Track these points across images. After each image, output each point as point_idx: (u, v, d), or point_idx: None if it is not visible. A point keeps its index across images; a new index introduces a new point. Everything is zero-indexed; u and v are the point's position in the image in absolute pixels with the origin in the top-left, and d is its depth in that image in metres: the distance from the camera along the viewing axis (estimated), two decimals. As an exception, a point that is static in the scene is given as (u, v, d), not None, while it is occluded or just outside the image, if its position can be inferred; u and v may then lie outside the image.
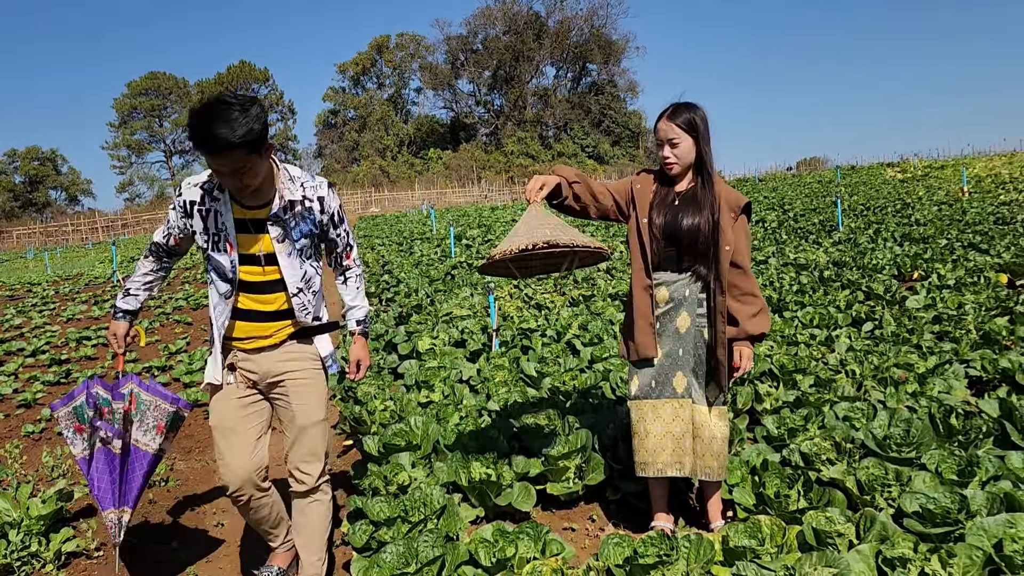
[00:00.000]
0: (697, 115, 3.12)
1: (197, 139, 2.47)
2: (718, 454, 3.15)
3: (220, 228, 2.76)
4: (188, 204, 2.77)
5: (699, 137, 3.12)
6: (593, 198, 3.27)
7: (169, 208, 2.87)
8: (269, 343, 2.92)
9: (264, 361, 2.93)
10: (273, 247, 2.78)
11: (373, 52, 70.53)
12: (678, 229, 3.15)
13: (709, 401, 3.17)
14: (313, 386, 3.04)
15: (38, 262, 28.62)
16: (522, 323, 7.17)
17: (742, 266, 3.10)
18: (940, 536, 2.82)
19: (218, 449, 2.96)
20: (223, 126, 2.42)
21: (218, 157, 2.49)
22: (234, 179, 2.58)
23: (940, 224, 11.80)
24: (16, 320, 11.14)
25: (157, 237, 2.95)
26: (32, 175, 68.44)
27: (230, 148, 2.46)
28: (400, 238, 19.11)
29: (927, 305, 6.62)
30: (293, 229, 2.80)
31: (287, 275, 2.83)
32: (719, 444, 3.15)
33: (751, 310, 3.10)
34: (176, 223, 2.85)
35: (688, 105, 3.15)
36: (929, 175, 24.42)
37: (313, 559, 3.14)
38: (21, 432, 5.71)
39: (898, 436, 3.59)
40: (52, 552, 3.59)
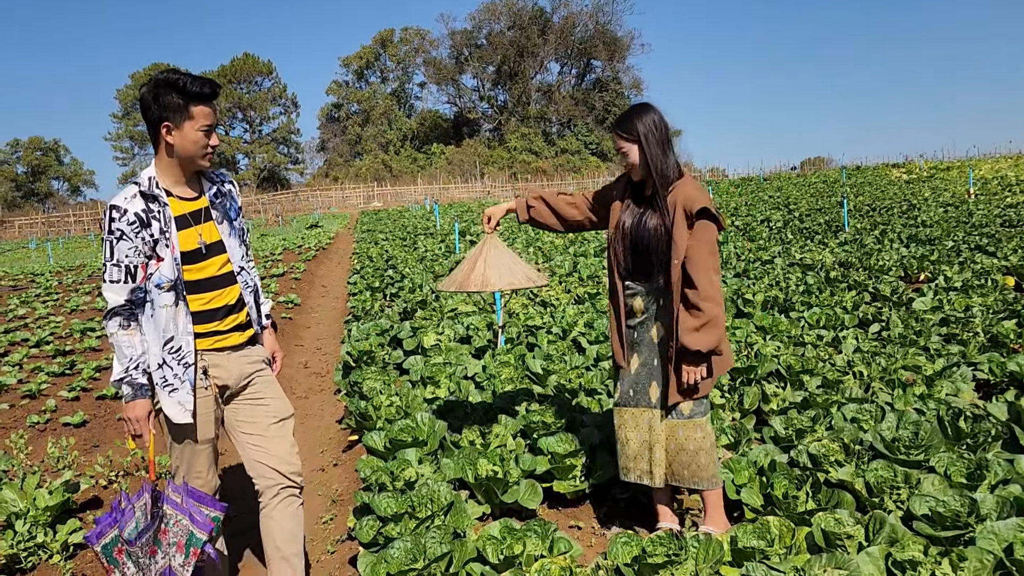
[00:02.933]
0: (641, 119, 3.05)
1: (202, 85, 2.66)
2: (687, 464, 3.12)
3: (164, 229, 2.70)
4: (141, 214, 2.65)
5: (642, 141, 3.05)
6: (558, 218, 3.46)
7: (113, 242, 2.62)
8: (232, 342, 2.89)
9: (234, 364, 2.90)
10: (218, 231, 2.86)
11: (377, 46, 70.48)
12: (638, 237, 3.16)
13: (682, 412, 3.12)
14: (276, 381, 3.11)
15: (40, 252, 28.64)
16: (528, 320, 7.16)
17: (692, 275, 2.97)
18: (950, 539, 2.81)
19: (193, 467, 2.85)
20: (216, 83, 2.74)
21: (211, 106, 2.72)
22: (210, 137, 2.74)
23: (947, 226, 11.77)
24: (20, 310, 11.15)
25: (119, 295, 2.66)
26: (35, 165, 68.49)
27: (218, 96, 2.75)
28: (404, 233, 19.10)
29: (934, 307, 6.60)
30: (229, 210, 2.95)
31: (232, 255, 2.90)
32: (688, 455, 3.11)
33: (694, 323, 2.97)
34: (135, 246, 2.64)
35: (633, 110, 3.13)
36: (935, 176, 24.40)
37: (300, 565, 3.06)
38: (26, 423, 5.71)
39: (907, 438, 3.58)
40: (59, 543, 3.60)
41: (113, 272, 2.64)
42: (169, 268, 2.70)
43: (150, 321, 2.71)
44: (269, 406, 3.00)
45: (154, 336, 2.71)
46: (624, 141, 3.09)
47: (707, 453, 3.12)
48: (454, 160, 61.04)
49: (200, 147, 2.71)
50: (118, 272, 2.64)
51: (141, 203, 2.66)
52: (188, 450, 2.84)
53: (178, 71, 2.69)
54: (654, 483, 3.21)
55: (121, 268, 2.64)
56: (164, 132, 2.65)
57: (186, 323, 2.75)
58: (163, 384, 2.73)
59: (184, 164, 2.75)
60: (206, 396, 2.83)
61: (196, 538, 2.69)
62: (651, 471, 3.20)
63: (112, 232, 2.62)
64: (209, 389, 2.84)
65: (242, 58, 67.68)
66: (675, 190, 3.04)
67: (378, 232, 20.08)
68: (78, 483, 4.18)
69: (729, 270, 9.57)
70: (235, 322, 2.91)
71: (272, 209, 43.98)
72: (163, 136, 2.66)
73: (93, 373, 6.98)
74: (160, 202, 2.69)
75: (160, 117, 2.63)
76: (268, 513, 3.00)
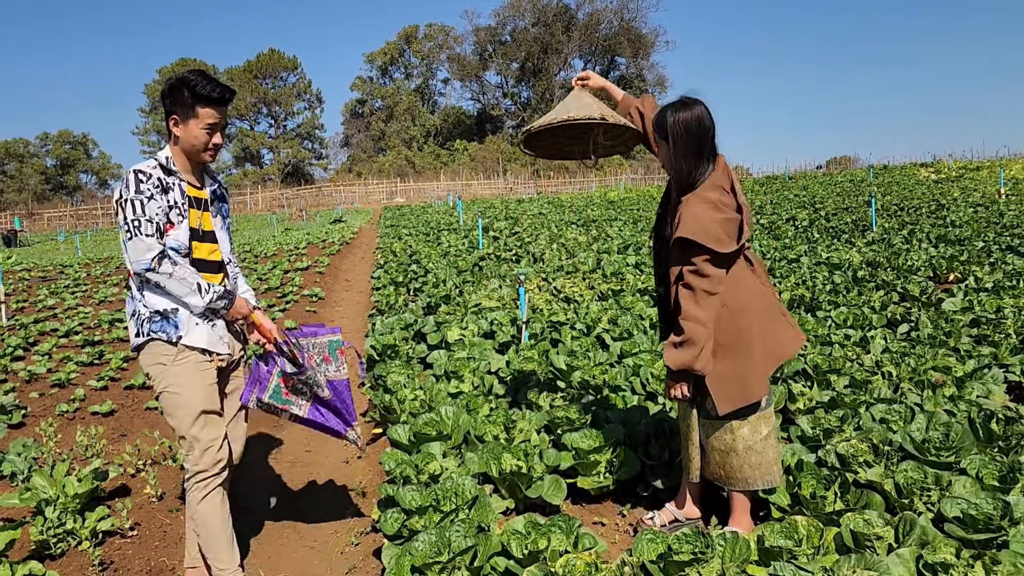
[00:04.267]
0: (675, 116, 2.93)
1: (211, 89, 2.87)
2: (720, 463, 3.14)
3: (180, 201, 2.96)
4: (160, 181, 2.90)
5: (669, 141, 2.96)
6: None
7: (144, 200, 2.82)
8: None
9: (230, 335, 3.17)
10: (212, 222, 3.11)
11: (401, 42, 70.70)
12: (656, 242, 3.21)
13: (710, 413, 3.09)
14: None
15: (69, 244, 29.04)
16: (551, 316, 7.15)
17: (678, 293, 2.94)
18: (982, 542, 2.77)
19: (202, 437, 2.97)
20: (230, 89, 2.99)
21: (218, 109, 2.92)
22: (216, 135, 2.96)
23: (977, 226, 11.60)
24: (49, 301, 11.30)
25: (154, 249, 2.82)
26: (63, 159, 69.45)
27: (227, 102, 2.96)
28: (427, 228, 19.14)
29: (964, 308, 6.50)
30: (221, 207, 3.21)
31: (223, 248, 3.15)
32: (719, 455, 3.12)
33: (674, 338, 2.94)
34: (161, 206, 2.87)
35: (672, 105, 3.00)
36: (964, 176, 24.04)
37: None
38: (56, 411, 5.79)
39: (937, 440, 3.53)
40: (88, 530, 3.64)
41: (147, 227, 2.82)
42: (184, 234, 2.95)
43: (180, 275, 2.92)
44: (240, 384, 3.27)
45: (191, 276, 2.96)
46: (658, 136, 3.07)
47: (739, 456, 3.08)
48: (477, 156, 61.10)
49: (202, 143, 2.95)
50: (151, 227, 2.83)
51: (160, 171, 2.93)
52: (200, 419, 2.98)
53: (199, 73, 2.90)
54: (690, 477, 3.27)
55: (153, 224, 2.83)
56: (172, 124, 2.93)
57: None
58: (206, 320, 2.99)
59: (189, 155, 2.99)
60: (209, 368, 3.03)
61: (334, 342, 3.35)
62: (688, 465, 3.27)
63: (140, 192, 2.83)
64: (213, 361, 3.04)
65: (268, 53, 68.18)
66: (685, 202, 2.93)
67: (401, 227, 20.14)
68: (107, 471, 4.23)
69: (754, 268, 9.48)
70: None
71: (296, 204, 44.29)
72: (171, 127, 2.95)
73: (121, 363, 7.06)
74: (177, 176, 2.97)
75: (170, 110, 2.92)
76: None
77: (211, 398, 3.01)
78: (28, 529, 3.60)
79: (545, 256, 12.18)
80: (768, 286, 3.09)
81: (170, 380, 2.94)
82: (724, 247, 2.84)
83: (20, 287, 13.44)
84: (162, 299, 2.91)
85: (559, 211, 22.67)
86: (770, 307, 3.02)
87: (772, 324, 3.00)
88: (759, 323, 2.96)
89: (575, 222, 17.98)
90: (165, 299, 2.91)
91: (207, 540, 3.05)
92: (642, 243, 12.60)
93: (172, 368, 2.94)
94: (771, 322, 3.00)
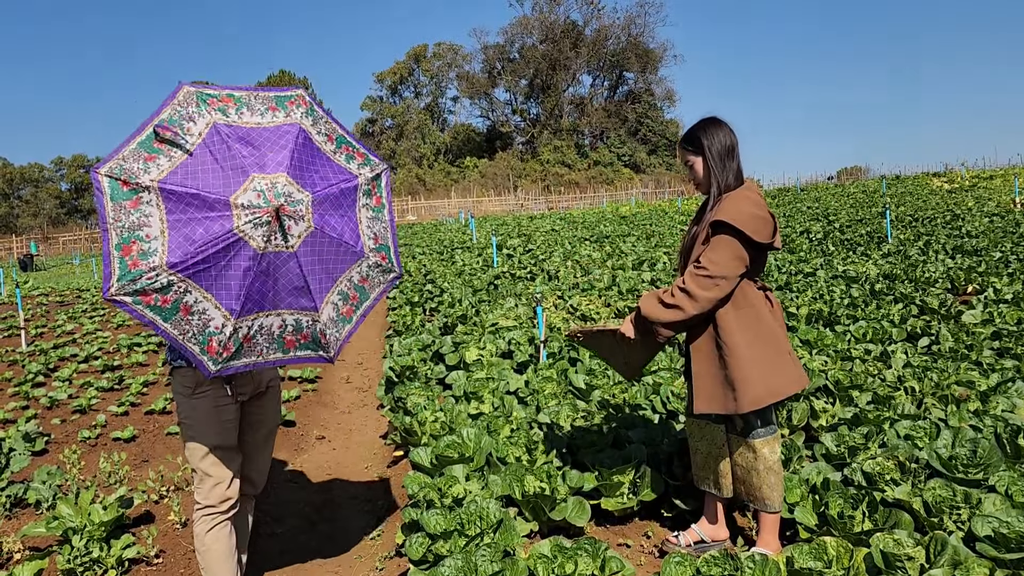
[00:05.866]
0: (705, 132, 3.11)
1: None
2: (743, 479, 3.17)
3: None
4: None
5: (706, 153, 3.10)
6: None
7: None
8: None
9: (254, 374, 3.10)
10: None
11: (411, 61, 71.16)
12: (683, 244, 3.29)
13: (736, 428, 3.16)
14: (280, 394, 3.35)
15: (85, 268, 29.27)
16: (568, 334, 7.14)
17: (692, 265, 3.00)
18: (1015, 562, 2.73)
19: (212, 472, 2.98)
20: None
21: None
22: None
23: (993, 236, 11.53)
24: (68, 326, 11.38)
25: None
26: (78, 182, 70.11)
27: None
28: (440, 247, 19.19)
29: (985, 320, 6.46)
30: None
31: None
32: (742, 471, 3.16)
33: (660, 294, 3.03)
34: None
35: (699, 124, 3.18)
36: (977, 185, 23.91)
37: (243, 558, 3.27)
38: (78, 437, 5.82)
39: (964, 456, 3.50)
40: (114, 558, 3.66)
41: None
42: None
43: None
44: (266, 417, 3.23)
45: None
46: (690, 154, 3.16)
47: (760, 475, 3.10)
48: (487, 173, 61.27)
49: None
50: None
51: None
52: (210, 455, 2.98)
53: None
54: (722, 494, 3.26)
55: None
56: None
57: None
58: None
59: None
60: (228, 403, 2.99)
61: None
62: (719, 482, 3.25)
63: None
64: (232, 397, 3.00)
65: (278, 75, 68.74)
66: (722, 201, 3.04)
67: (415, 246, 20.20)
68: (131, 498, 4.25)
69: (771, 283, 9.46)
70: None
71: (308, 224, 44.45)
72: None
73: (141, 388, 7.10)
74: None
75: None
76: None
77: (226, 435, 3.00)
78: (55, 558, 3.62)
79: (560, 273, 12.19)
80: (782, 327, 3.12)
81: (188, 412, 2.96)
82: (758, 236, 2.94)
83: (39, 312, 13.55)
84: None
85: (571, 227, 22.69)
86: (779, 344, 3.05)
87: (777, 358, 3.02)
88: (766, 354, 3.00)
89: (588, 238, 17.99)
90: None
91: (211, 572, 3.04)
92: (656, 259, 12.59)
93: (191, 400, 2.95)
94: (777, 356, 3.02)
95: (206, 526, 3.00)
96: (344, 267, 2.85)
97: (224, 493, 3.00)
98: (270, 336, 2.67)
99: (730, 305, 2.99)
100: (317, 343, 2.77)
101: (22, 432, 5.65)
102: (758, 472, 3.10)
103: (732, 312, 2.99)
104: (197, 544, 3.03)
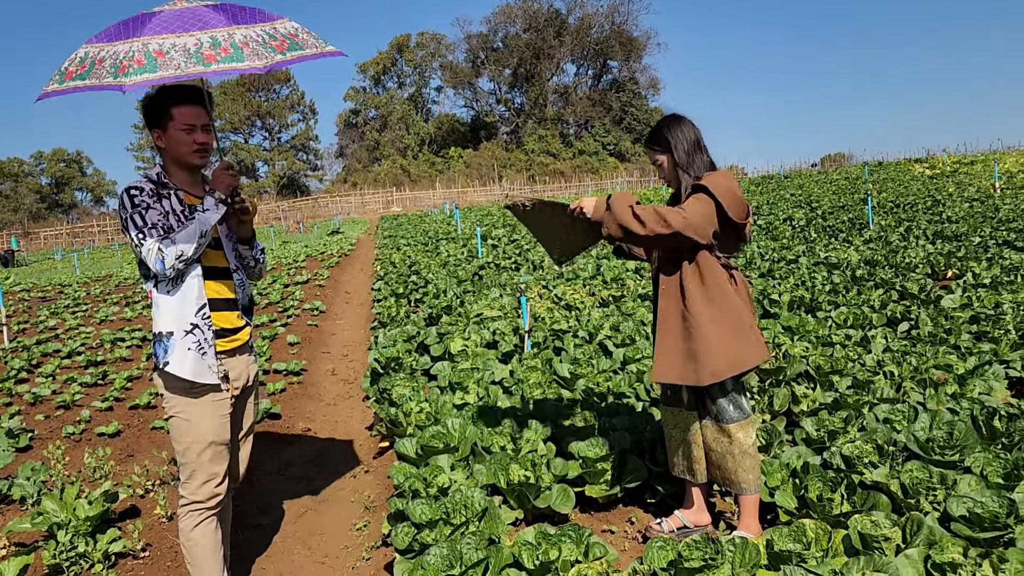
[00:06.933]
0: (668, 129, 3.16)
1: (179, 88, 2.86)
2: (717, 464, 3.23)
3: (179, 209, 2.91)
4: (153, 191, 2.87)
5: (670, 150, 3.15)
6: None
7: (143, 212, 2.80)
8: (241, 341, 3.09)
9: (243, 365, 3.13)
10: (216, 228, 3.03)
11: (394, 51, 70.86)
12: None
13: (710, 413, 3.20)
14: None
15: (66, 263, 29.04)
16: (553, 324, 7.18)
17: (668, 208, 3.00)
18: (989, 540, 2.79)
19: (206, 468, 2.97)
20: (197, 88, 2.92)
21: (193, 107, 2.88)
22: (198, 133, 2.90)
23: (973, 221, 11.65)
24: (51, 322, 11.32)
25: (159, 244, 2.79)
26: (58, 177, 69.51)
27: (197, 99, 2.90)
28: (425, 238, 19.18)
29: (963, 304, 6.54)
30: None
31: (228, 255, 3.08)
32: (717, 456, 3.21)
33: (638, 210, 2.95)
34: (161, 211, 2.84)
35: (661, 122, 3.22)
36: (958, 171, 24.12)
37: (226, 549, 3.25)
38: (62, 433, 5.80)
39: (941, 439, 3.56)
40: (100, 552, 3.66)
41: (152, 234, 2.78)
42: None
43: (182, 290, 2.87)
44: (250, 415, 3.26)
45: (189, 303, 2.88)
46: (657, 153, 3.21)
47: (735, 459, 3.16)
48: (472, 163, 61.18)
49: (186, 145, 2.90)
50: (156, 233, 2.79)
51: (150, 185, 2.89)
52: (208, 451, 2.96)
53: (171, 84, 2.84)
54: (696, 480, 3.32)
55: (157, 229, 2.80)
56: (156, 139, 2.92)
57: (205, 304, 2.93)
58: (197, 347, 2.88)
59: (180, 164, 2.96)
60: (224, 399, 3.00)
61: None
62: (692, 468, 3.32)
63: (137, 205, 2.80)
64: (228, 391, 3.01)
65: (260, 66, 68.13)
66: (705, 176, 3.08)
67: (400, 238, 20.18)
68: (116, 493, 4.25)
69: (754, 270, 9.53)
70: (239, 320, 3.10)
71: (292, 216, 44.32)
72: (157, 143, 2.93)
73: (125, 383, 7.08)
74: (169, 187, 2.93)
75: (151, 126, 2.92)
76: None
77: (222, 431, 2.99)
78: (41, 554, 3.63)
79: (544, 263, 12.22)
80: (746, 302, 3.17)
81: (183, 408, 2.93)
82: (731, 211, 3.00)
83: (20, 308, 13.46)
84: (163, 318, 2.87)
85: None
86: (742, 318, 3.09)
87: (739, 332, 3.07)
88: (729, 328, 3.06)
89: (572, 227, 17.99)
90: (165, 318, 2.87)
91: (197, 567, 3.03)
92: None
93: (188, 397, 2.91)
94: (739, 330, 3.07)
95: (193, 522, 3.00)
96: (258, 20, 2.88)
97: (214, 490, 3.00)
98: (186, 52, 2.65)
99: (697, 278, 3.06)
100: (240, 54, 2.71)
101: (5, 428, 5.63)
102: (733, 456, 3.16)
103: (698, 285, 3.05)
104: (183, 540, 3.02)
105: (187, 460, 2.97)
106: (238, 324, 3.09)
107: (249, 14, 2.88)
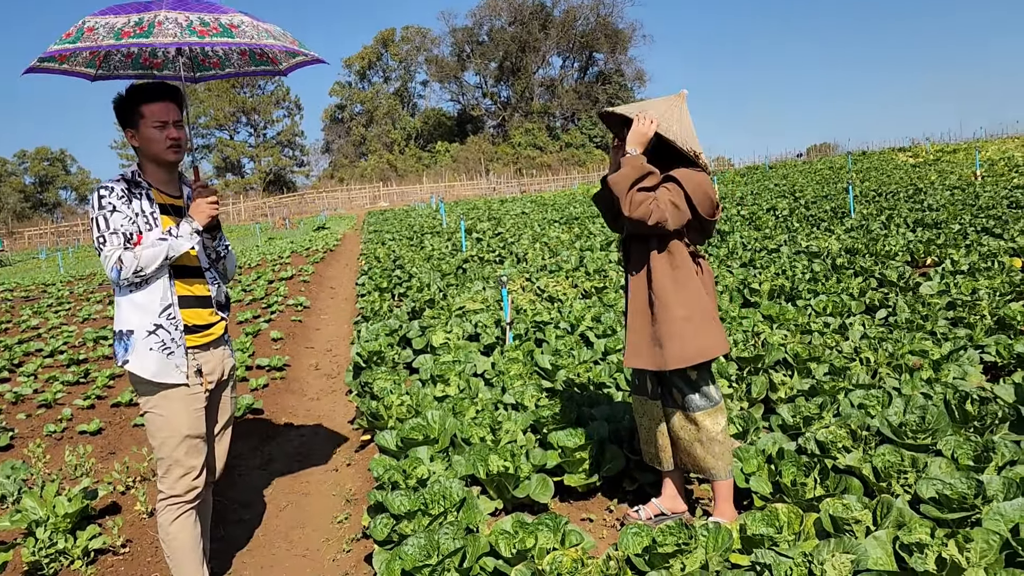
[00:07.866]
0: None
1: (148, 86, 2.93)
2: (686, 451, 3.27)
3: (149, 210, 2.94)
4: (123, 192, 2.90)
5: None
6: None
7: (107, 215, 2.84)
8: (215, 336, 3.12)
9: (217, 360, 3.15)
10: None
11: (379, 46, 70.50)
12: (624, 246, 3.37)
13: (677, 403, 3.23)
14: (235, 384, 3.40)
15: (51, 262, 28.83)
16: (535, 316, 7.20)
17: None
18: (957, 521, 2.84)
19: (183, 462, 2.98)
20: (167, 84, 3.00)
21: (163, 104, 2.91)
22: (170, 130, 2.93)
23: (953, 209, 11.74)
24: (33, 321, 11.24)
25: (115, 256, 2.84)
26: (42, 175, 68.90)
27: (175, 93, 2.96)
28: (410, 232, 19.14)
29: (941, 291, 6.61)
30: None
31: (200, 254, 3.11)
32: (685, 443, 3.25)
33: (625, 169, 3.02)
34: (128, 216, 2.86)
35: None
36: (941, 159, 24.29)
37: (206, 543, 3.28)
38: (43, 431, 5.78)
39: (914, 423, 3.60)
40: (80, 549, 3.66)
41: (112, 240, 2.83)
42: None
43: (147, 291, 2.90)
44: (227, 405, 3.28)
45: (153, 303, 2.91)
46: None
47: (703, 446, 3.20)
48: (459, 157, 61.06)
49: (159, 142, 2.94)
50: (117, 239, 2.83)
51: (123, 185, 2.93)
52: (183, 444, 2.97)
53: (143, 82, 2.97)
54: (662, 467, 3.38)
55: (119, 235, 2.84)
56: (130, 138, 2.97)
57: (175, 295, 2.97)
58: (162, 348, 2.91)
59: (155, 161, 2.99)
60: (198, 393, 3.02)
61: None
62: (658, 456, 3.37)
63: (103, 207, 2.85)
64: (203, 386, 3.04)
65: (244, 62, 67.78)
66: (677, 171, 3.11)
67: (385, 232, 20.13)
68: (96, 490, 4.24)
69: (735, 260, 9.58)
70: (213, 316, 3.12)
71: (279, 212, 44.12)
72: (131, 142, 2.97)
73: (107, 381, 7.05)
74: (142, 187, 2.97)
75: (124, 125, 2.95)
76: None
77: (197, 424, 3.01)
78: (20, 551, 3.63)
79: (528, 256, 12.24)
80: (710, 293, 3.20)
81: (157, 403, 2.95)
82: (700, 207, 3.04)
83: (3, 308, 13.36)
84: (124, 317, 2.91)
85: (542, 210, 22.73)
86: (707, 308, 3.14)
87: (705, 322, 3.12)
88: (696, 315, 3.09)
89: (558, 220, 18.04)
90: (127, 317, 2.90)
91: (177, 562, 3.04)
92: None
93: (161, 391, 2.94)
94: (705, 319, 3.12)
95: (171, 516, 3.01)
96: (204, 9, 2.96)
97: (191, 483, 3.01)
98: (178, 25, 2.73)
99: (667, 265, 3.09)
100: (229, 32, 2.83)
101: (-14, 428, 5.60)
102: (701, 443, 3.20)
103: (668, 271, 3.09)
104: (162, 534, 3.03)
105: (164, 454, 2.98)
106: (211, 320, 3.11)
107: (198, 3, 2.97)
